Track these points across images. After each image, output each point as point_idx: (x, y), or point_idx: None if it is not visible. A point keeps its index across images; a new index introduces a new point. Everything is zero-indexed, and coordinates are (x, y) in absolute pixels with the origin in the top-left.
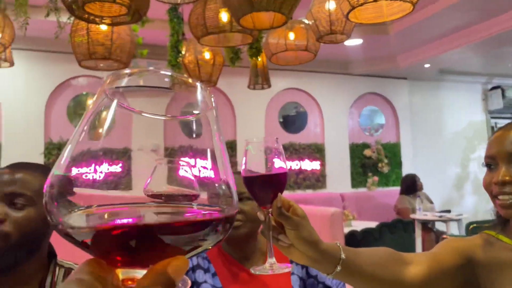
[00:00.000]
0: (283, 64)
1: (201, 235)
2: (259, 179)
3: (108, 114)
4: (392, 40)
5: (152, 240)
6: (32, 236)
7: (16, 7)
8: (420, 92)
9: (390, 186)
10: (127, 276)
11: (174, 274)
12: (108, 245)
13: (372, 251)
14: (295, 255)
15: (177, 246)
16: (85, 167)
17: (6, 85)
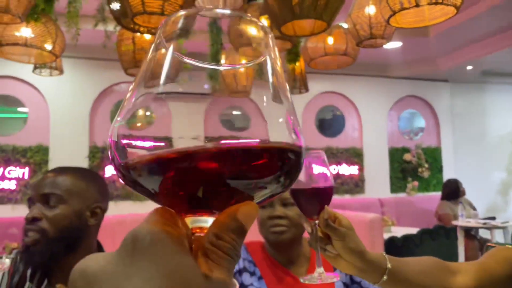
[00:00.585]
0: (322, 68)
1: (268, 175)
2: (307, 192)
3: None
4: (433, 42)
5: (219, 180)
6: (67, 231)
7: (68, 18)
8: (462, 94)
9: (431, 191)
10: (196, 225)
11: (244, 220)
12: (175, 190)
13: (418, 260)
14: (342, 264)
15: (245, 189)
16: (133, 140)
17: (54, 91)
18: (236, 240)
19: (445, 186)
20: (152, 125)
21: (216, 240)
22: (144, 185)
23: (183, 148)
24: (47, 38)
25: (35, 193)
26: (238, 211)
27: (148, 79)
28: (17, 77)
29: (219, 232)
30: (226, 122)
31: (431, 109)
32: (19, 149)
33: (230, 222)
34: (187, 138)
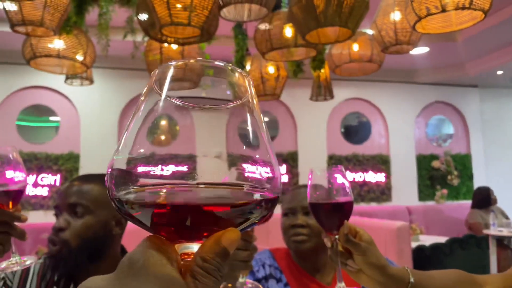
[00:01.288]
0: (347, 75)
1: (247, 212)
2: (326, 207)
3: (163, 116)
4: (461, 47)
5: (205, 218)
6: (90, 241)
7: (99, 30)
8: (492, 100)
9: (461, 199)
10: (185, 251)
11: (227, 244)
12: (165, 223)
13: (443, 273)
14: (364, 279)
15: (228, 220)
16: (152, 167)
17: (84, 100)
18: (220, 262)
19: (476, 194)
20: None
21: (202, 262)
22: (137, 218)
23: (171, 192)
24: (78, 49)
25: (62, 202)
26: (222, 237)
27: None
28: (50, 87)
29: (204, 255)
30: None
31: (460, 115)
32: (51, 157)
33: (215, 247)
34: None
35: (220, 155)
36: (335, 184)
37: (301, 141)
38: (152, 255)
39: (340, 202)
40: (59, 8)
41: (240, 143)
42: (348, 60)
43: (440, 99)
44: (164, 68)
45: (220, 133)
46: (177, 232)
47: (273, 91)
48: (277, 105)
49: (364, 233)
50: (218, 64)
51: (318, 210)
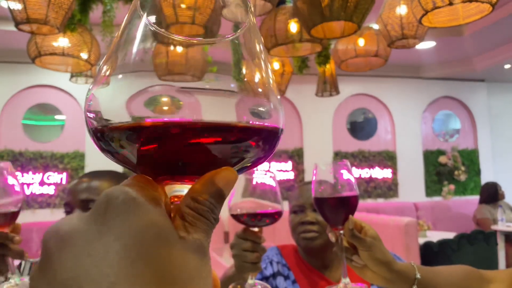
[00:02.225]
0: (353, 70)
1: (245, 146)
2: (330, 201)
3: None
4: (467, 42)
5: (198, 150)
6: None
7: (103, 27)
8: (500, 94)
9: (468, 195)
10: (175, 194)
11: (222, 184)
12: (153, 156)
13: (449, 269)
14: (369, 275)
15: (223, 157)
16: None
17: None
18: (214, 203)
19: (483, 189)
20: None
21: (193, 203)
22: (120, 151)
23: (161, 117)
24: (83, 47)
25: (73, 198)
26: (216, 176)
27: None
28: (55, 85)
29: (196, 195)
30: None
31: (467, 110)
32: (57, 155)
33: (208, 186)
34: None
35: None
36: (340, 178)
37: (306, 137)
38: (135, 192)
39: (345, 197)
40: (63, 6)
41: (241, 71)
42: (354, 55)
43: (447, 94)
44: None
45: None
46: (166, 170)
47: (278, 87)
48: (282, 101)
49: (369, 228)
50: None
51: (323, 204)
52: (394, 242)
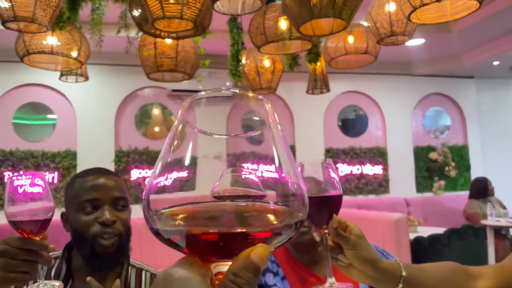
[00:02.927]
0: (343, 68)
1: (277, 233)
2: (314, 201)
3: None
4: (456, 38)
5: (236, 242)
6: (130, 235)
7: (92, 25)
8: (489, 91)
9: (458, 190)
10: (219, 271)
11: (257, 260)
12: (198, 246)
13: (436, 266)
14: (355, 274)
15: (258, 241)
16: (161, 177)
17: (80, 98)
18: (251, 277)
19: (473, 184)
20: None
21: (233, 277)
22: (173, 242)
23: (203, 216)
24: (72, 45)
25: (104, 196)
26: (252, 253)
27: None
28: (46, 84)
29: (236, 271)
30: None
31: (457, 106)
32: (48, 154)
33: (245, 262)
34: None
35: (220, 156)
36: (324, 178)
37: (298, 135)
38: (187, 271)
39: (329, 196)
40: (51, 4)
41: (269, 164)
42: (344, 53)
43: (437, 91)
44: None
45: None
46: (211, 254)
47: (269, 84)
48: (274, 99)
49: (354, 227)
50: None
51: None
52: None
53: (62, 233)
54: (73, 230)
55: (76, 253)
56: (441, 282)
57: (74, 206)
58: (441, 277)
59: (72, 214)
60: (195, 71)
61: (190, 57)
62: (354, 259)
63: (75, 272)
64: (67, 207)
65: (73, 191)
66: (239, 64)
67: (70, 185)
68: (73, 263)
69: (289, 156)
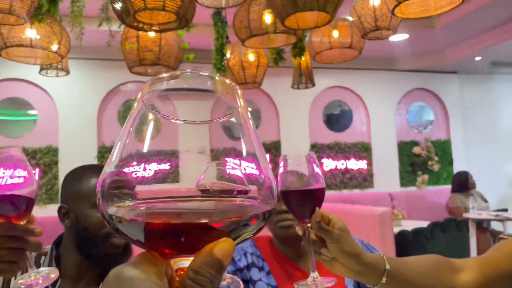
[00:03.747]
0: (327, 62)
1: (242, 225)
2: (297, 194)
3: (148, 123)
4: (440, 34)
5: (197, 232)
6: None
7: (72, 18)
8: (471, 86)
9: (441, 184)
10: (180, 267)
11: (221, 255)
12: (156, 237)
13: (419, 259)
14: (338, 268)
15: (222, 233)
16: (135, 167)
17: (61, 93)
18: (214, 274)
19: (455, 178)
20: (158, 137)
21: (193, 275)
22: (128, 235)
23: (162, 207)
24: (52, 39)
25: (128, 185)
26: (214, 248)
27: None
28: (26, 79)
29: (197, 267)
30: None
31: (440, 101)
32: (29, 151)
33: (207, 258)
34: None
35: (204, 151)
36: (307, 171)
37: (283, 130)
38: (141, 269)
39: (312, 189)
40: None
41: (232, 153)
42: (329, 47)
43: (420, 86)
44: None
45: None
46: (170, 248)
47: (254, 79)
48: (259, 94)
49: (337, 221)
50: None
51: (289, 197)
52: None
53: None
54: (81, 227)
55: (67, 250)
56: (424, 275)
57: (87, 203)
58: (424, 270)
59: (81, 210)
60: (178, 65)
61: (174, 50)
62: (337, 253)
63: (64, 270)
64: (73, 202)
65: (87, 187)
66: (224, 58)
67: (79, 179)
68: (62, 261)
69: (258, 146)
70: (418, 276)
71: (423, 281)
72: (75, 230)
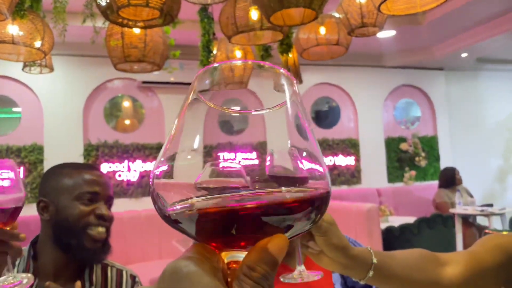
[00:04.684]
0: (315, 59)
1: (297, 215)
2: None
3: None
4: (426, 30)
5: (251, 223)
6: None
7: (55, 14)
8: (458, 82)
9: (428, 180)
10: (232, 260)
11: (275, 252)
12: (210, 231)
13: (406, 253)
14: (325, 261)
15: (275, 227)
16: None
17: (46, 90)
18: (268, 270)
19: (442, 174)
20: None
21: (248, 271)
22: (184, 229)
23: (219, 200)
24: (35, 35)
25: (103, 192)
26: (269, 244)
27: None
28: (9, 76)
29: (251, 263)
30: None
31: (427, 97)
32: (13, 149)
33: (262, 254)
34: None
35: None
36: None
37: None
38: (196, 263)
39: (295, 177)
40: None
41: (294, 135)
42: (316, 44)
43: (408, 83)
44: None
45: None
46: (223, 240)
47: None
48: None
49: (325, 214)
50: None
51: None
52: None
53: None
54: (61, 218)
55: (45, 247)
56: (411, 269)
57: (70, 195)
58: (410, 264)
59: (63, 203)
60: (164, 62)
61: (159, 47)
62: (325, 246)
63: (42, 268)
64: (54, 195)
65: (70, 181)
66: (211, 55)
67: (60, 174)
68: (39, 259)
69: (311, 134)
70: (404, 269)
71: (409, 275)
72: (54, 223)
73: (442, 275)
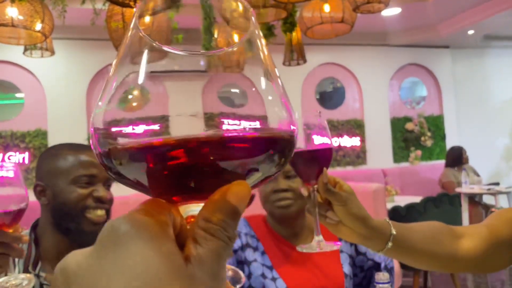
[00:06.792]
0: (319, 38)
1: (257, 157)
2: (304, 154)
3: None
4: (432, 7)
5: (207, 165)
6: (110, 216)
7: None
8: (464, 60)
9: (434, 159)
10: (190, 214)
11: (235, 200)
12: (161, 172)
13: (422, 225)
14: (344, 232)
15: (234, 172)
16: (123, 128)
17: (48, 75)
18: (227, 221)
19: (449, 153)
20: (146, 105)
21: (204, 223)
22: (128, 176)
23: (168, 136)
24: (35, 17)
25: (101, 174)
26: (228, 191)
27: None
28: (11, 61)
29: (208, 214)
30: (225, 99)
31: (433, 76)
32: (17, 134)
33: (220, 203)
34: (185, 116)
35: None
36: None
37: None
38: (139, 219)
39: (319, 149)
40: None
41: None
42: (320, 22)
43: (413, 61)
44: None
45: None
46: (179, 191)
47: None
48: None
49: (344, 184)
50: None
51: (295, 158)
52: None
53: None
54: (59, 202)
55: (45, 231)
56: (427, 241)
57: (66, 179)
58: (427, 235)
59: (59, 186)
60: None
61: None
62: (344, 216)
63: (44, 252)
64: (50, 178)
65: (66, 163)
66: (213, 39)
67: (55, 156)
68: (41, 243)
69: (276, 77)
70: (422, 242)
71: (426, 247)
72: (52, 207)
73: (458, 248)
